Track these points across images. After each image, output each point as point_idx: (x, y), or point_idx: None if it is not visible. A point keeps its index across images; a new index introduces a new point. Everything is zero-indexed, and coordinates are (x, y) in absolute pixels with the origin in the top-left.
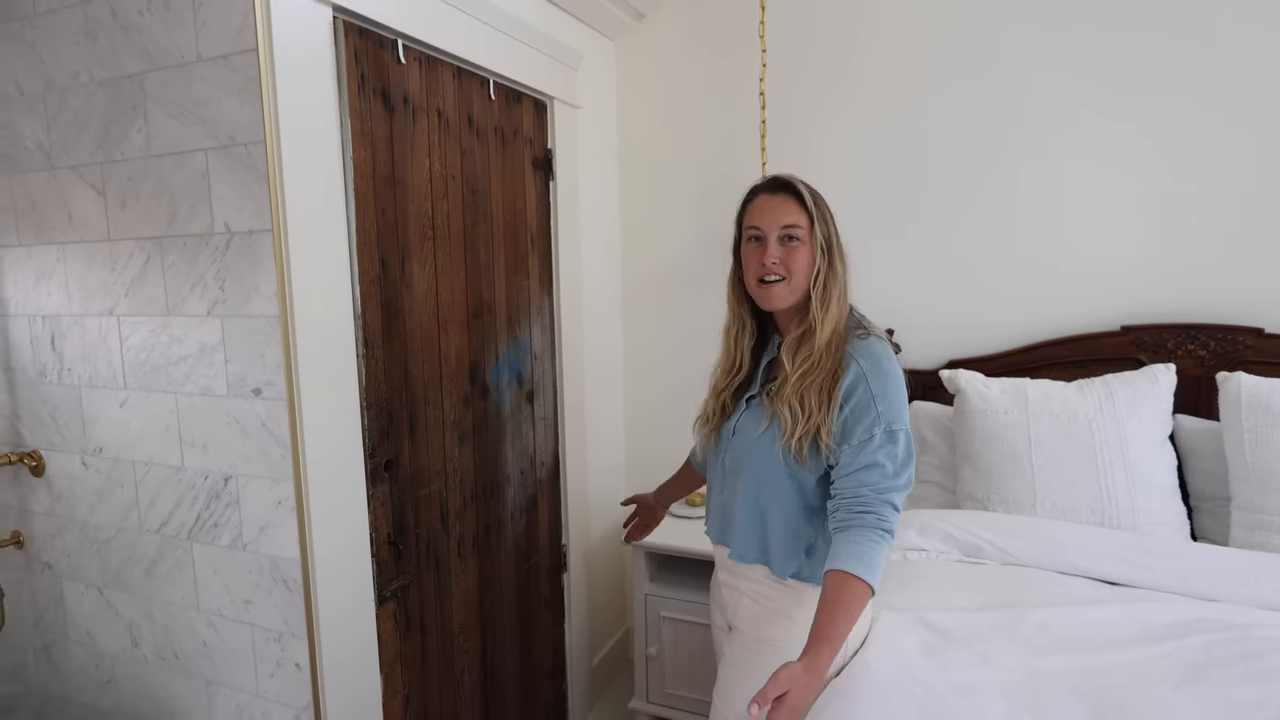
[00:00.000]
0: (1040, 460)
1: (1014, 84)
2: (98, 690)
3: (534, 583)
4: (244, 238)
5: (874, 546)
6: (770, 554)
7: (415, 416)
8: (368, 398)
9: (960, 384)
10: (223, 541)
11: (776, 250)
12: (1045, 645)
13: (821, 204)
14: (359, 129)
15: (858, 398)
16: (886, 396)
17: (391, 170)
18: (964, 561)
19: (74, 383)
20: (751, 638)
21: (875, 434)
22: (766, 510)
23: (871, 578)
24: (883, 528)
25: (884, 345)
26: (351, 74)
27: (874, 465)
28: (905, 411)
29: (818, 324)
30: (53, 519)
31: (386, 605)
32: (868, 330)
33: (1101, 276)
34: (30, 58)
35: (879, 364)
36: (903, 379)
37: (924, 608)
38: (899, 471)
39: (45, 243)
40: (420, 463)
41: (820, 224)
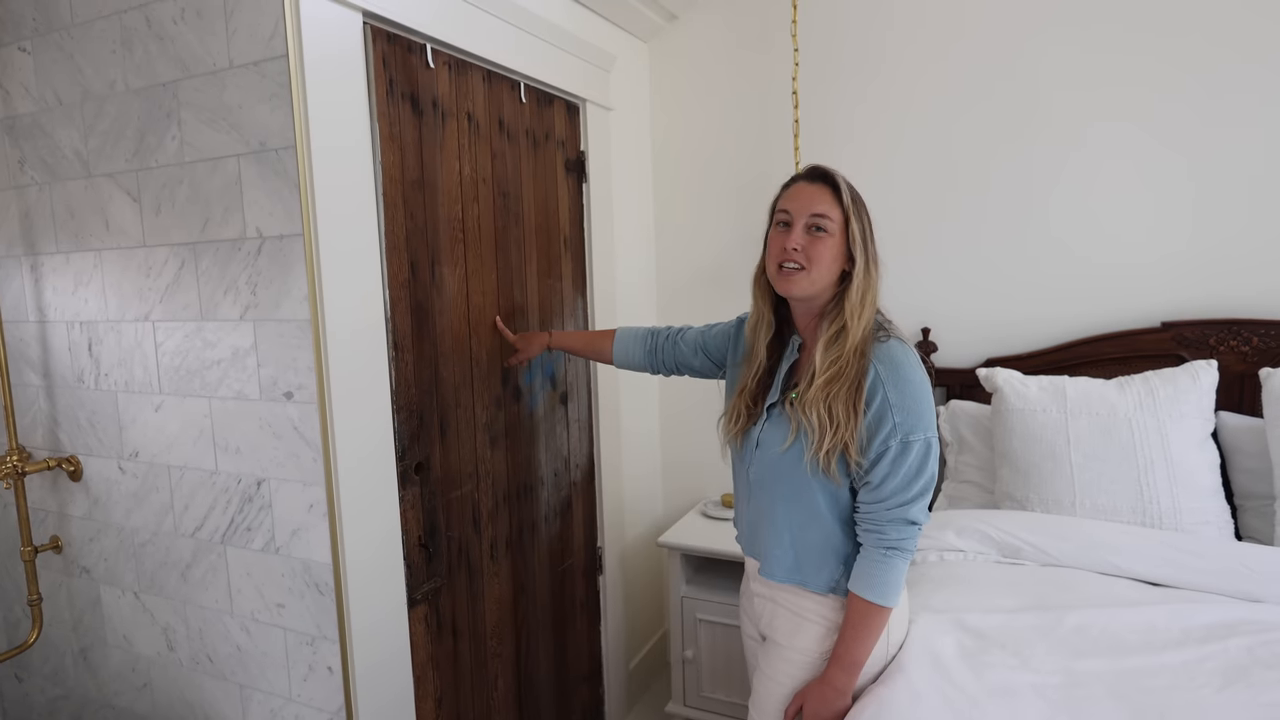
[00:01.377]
0: (1080, 459)
1: (1050, 78)
2: (134, 694)
3: (569, 585)
4: (275, 242)
5: (879, 566)
6: (804, 571)
7: (446, 419)
8: (397, 400)
9: (998, 382)
10: (255, 545)
11: (801, 237)
12: (1084, 647)
13: (859, 202)
14: (387, 133)
15: (876, 406)
16: (904, 405)
17: (421, 174)
18: (1002, 562)
19: (110, 388)
20: (788, 649)
21: (891, 446)
22: (799, 529)
23: (875, 596)
24: (889, 546)
25: (905, 348)
26: (380, 79)
27: (886, 480)
28: (926, 417)
29: (853, 324)
30: (90, 523)
31: (418, 608)
32: (889, 332)
33: (1140, 272)
34: (68, 67)
35: (898, 370)
36: (925, 382)
37: (961, 609)
38: (910, 483)
39: (83, 250)
40: (451, 465)
41: (856, 221)
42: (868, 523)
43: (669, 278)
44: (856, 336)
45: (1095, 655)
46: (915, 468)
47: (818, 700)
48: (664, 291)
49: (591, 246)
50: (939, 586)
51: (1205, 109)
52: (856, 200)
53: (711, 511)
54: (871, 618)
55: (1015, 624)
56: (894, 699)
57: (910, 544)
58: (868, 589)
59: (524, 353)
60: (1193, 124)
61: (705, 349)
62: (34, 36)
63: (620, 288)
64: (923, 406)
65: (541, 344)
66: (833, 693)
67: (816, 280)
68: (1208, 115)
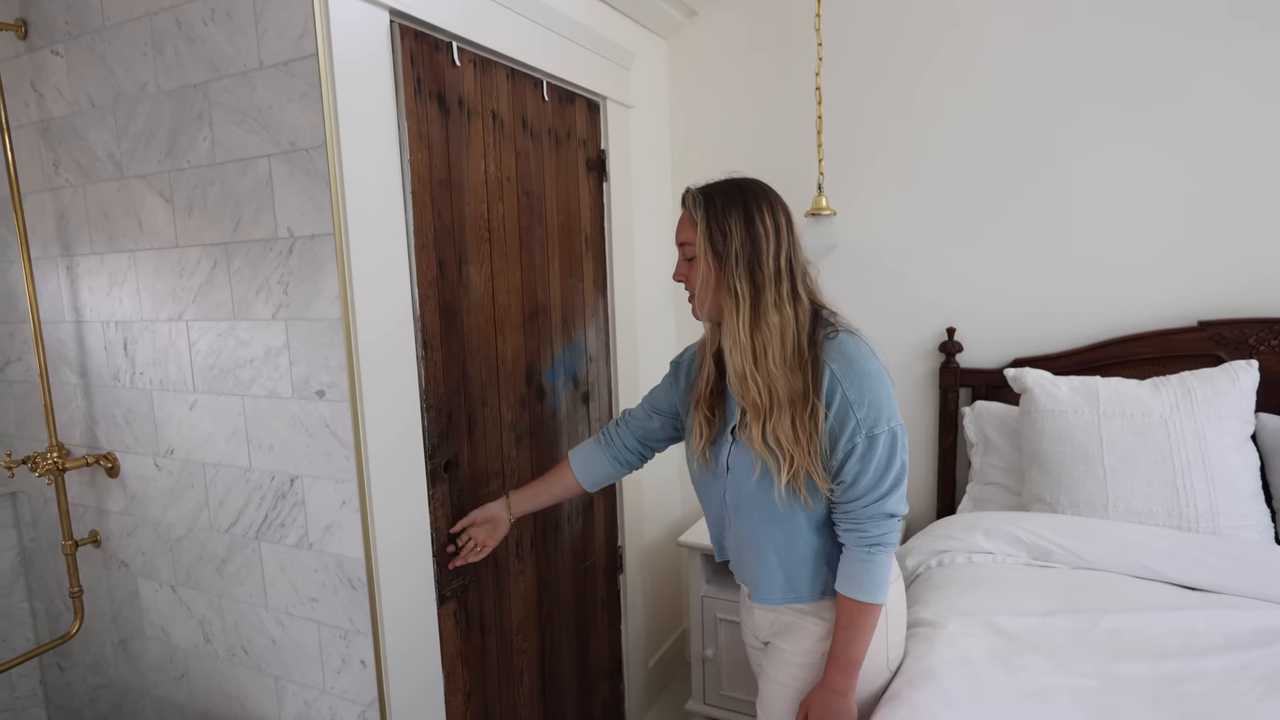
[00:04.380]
0: (1113, 462)
1: (1080, 73)
2: (172, 684)
3: (590, 584)
4: (306, 242)
5: (863, 565)
6: (796, 588)
7: (473, 418)
8: (427, 399)
9: (1027, 383)
10: (289, 541)
11: (681, 265)
12: (1121, 651)
13: (716, 210)
14: (415, 132)
15: (836, 406)
16: (864, 400)
17: (448, 173)
18: (1032, 565)
19: (146, 386)
20: (789, 651)
21: (856, 443)
22: (784, 548)
23: (865, 595)
24: (871, 543)
25: (856, 341)
26: (408, 77)
27: (858, 477)
28: (886, 408)
29: (728, 356)
30: (128, 518)
31: (447, 604)
32: (836, 327)
33: (1174, 270)
34: (101, 70)
35: (852, 364)
36: (881, 372)
37: (991, 612)
38: (883, 477)
39: (117, 250)
40: (478, 463)
41: (712, 231)
42: (847, 522)
43: None
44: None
45: (1132, 659)
46: (885, 460)
47: (821, 706)
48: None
49: (612, 246)
50: (967, 588)
51: (1245, 99)
52: (711, 209)
53: None
54: (863, 617)
55: (1048, 627)
56: (925, 702)
57: (892, 538)
58: (856, 589)
59: (491, 545)
60: (1231, 115)
61: (656, 408)
62: (66, 40)
63: (640, 287)
64: (882, 397)
65: (504, 523)
66: (834, 696)
67: (703, 306)
68: (1246, 106)
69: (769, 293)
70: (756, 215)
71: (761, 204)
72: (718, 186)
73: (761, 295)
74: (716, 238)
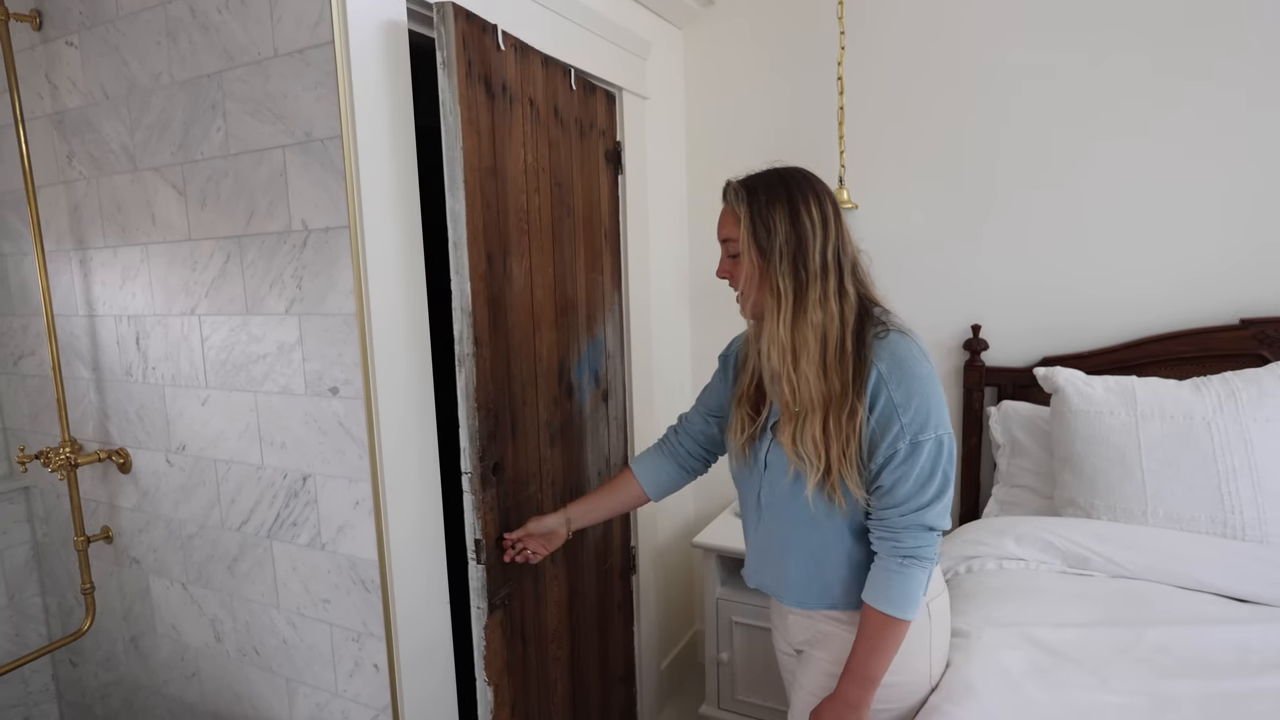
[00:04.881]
0: (1152, 465)
1: (1119, 61)
2: (184, 682)
3: (608, 586)
4: (321, 235)
5: (894, 576)
6: (831, 594)
7: (516, 417)
8: (477, 398)
9: (1059, 382)
10: (301, 540)
11: (725, 263)
12: (1170, 667)
13: (759, 204)
14: (467, 118)
15: (881, 408)
16: (910, 404)
17: (494, 161)
18: (1068, 573)
19: (158, 381)
20: (824, 660)
21: (899, 449)
22: (821, 552)
23: (893, 609)
24: (905, 555)
25: (907, 341)
26: (460, 60)
27: (898, 484)
28: (935, 414)
29: (765, 357)
30: (139, 515)
31: (495, 614)
32: (887, 325)
33: (1214, 265)
34: (114, 60)
35: (901, 365)
36: (932, 376)
37: (1028, 623)
38: (924, 487)
39: (130, 244)
40: (520, 465)
41: (756, 227)
42: (882, 529)
43: (702, 272)
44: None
45: (1183, 676)
46: (928, 469)
47: (831, 717)
48: (697, 286)
49: (627, 240)
50: (1001, 597)
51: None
52: (755, 204)
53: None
54: (888, 631)
55: (1090, 639)
56: (965, 717)
57: (929, 552)
58: (884, 601)
59: (540, 553)
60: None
61: (710, 411)
62: (80, 30)
63: (654, 282)
64: (931, 403)
65: (560, 537)
66: (846, 709)
67: (750, 303)
68: None
69: (814, 289)
70: (802, 207)
71: (807, 195)
72: (760, 178)
73: (806, 292)
74: (760, 233)
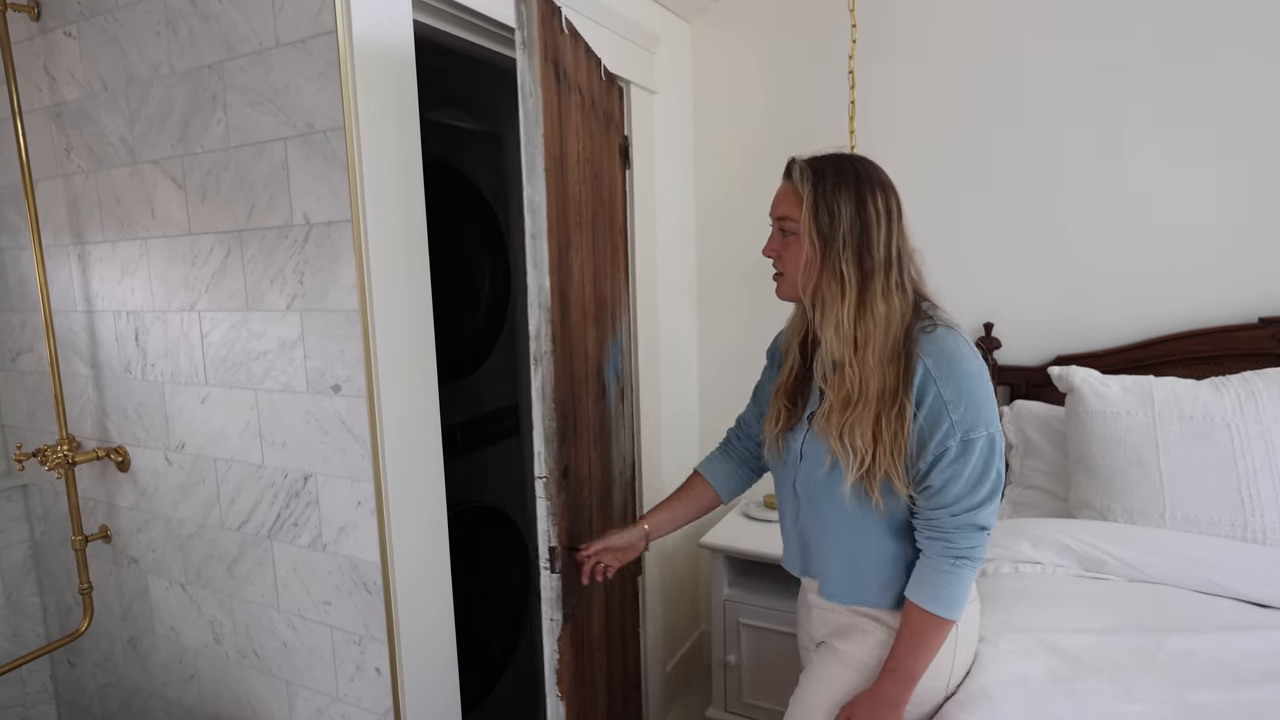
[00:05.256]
0: (1170, 466)
1: (1133, 49)
2: (182, 685)
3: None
4: (323, 229)
5: (944, 576)
6: (867, 591)
7: (576, 418)
8: (554, 398)
9: (1074, 382)
10: (302, 541)
11: (775, 241)
12: (1194, 676)
13: (825, 187)
14: (545, 101)
15: (929, 405)
16: (961, 400)
17: (560, 150)
18: (1084, 577)
19: (157, 379)
20: (844, 652)
21: (950, 446)
22: (855, 546)
23: (941, 609)
24: (955, 555)
25: (955, 336)
26: (540, 40)
27: (949, 484)
28: (985, 411)
29: (827, 344)
30: (138, 514)
31: (567, 625)
32: (934, 321)
33: (1233, 263)
34: (114, 51)
35: (950, 362)
36: (982, 372)
37: (1045, 629)
38: (976, 486)
39: (129, 238)
40: (578, 469)
41: (819, 210)
42: (932, 530)
43: (708, 269)
44: (845, 349)
45: (1208, 685)
46: (980, 468)
47: (866, 714)
48: (703, 283)
49: (634, 235)
50: (1016, 601)
51: None
52: (822, 184)
53: (753, 513)
54: (933, 630)
55: (1109, 646)
56: None
57: (980, 552)
58: (933, 600)
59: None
60: None
61: (764, 411)
62: (79, 20)
63: (660, 278)
64: (981, 399)
65: (637, 550)
66: (884, 707)
67: (793, 285)
68: None
69: (877, 281)
70: (869, 196)
71: (875, 185)
72: (828, 161)
73: (870, 282)
74: (823, 217)
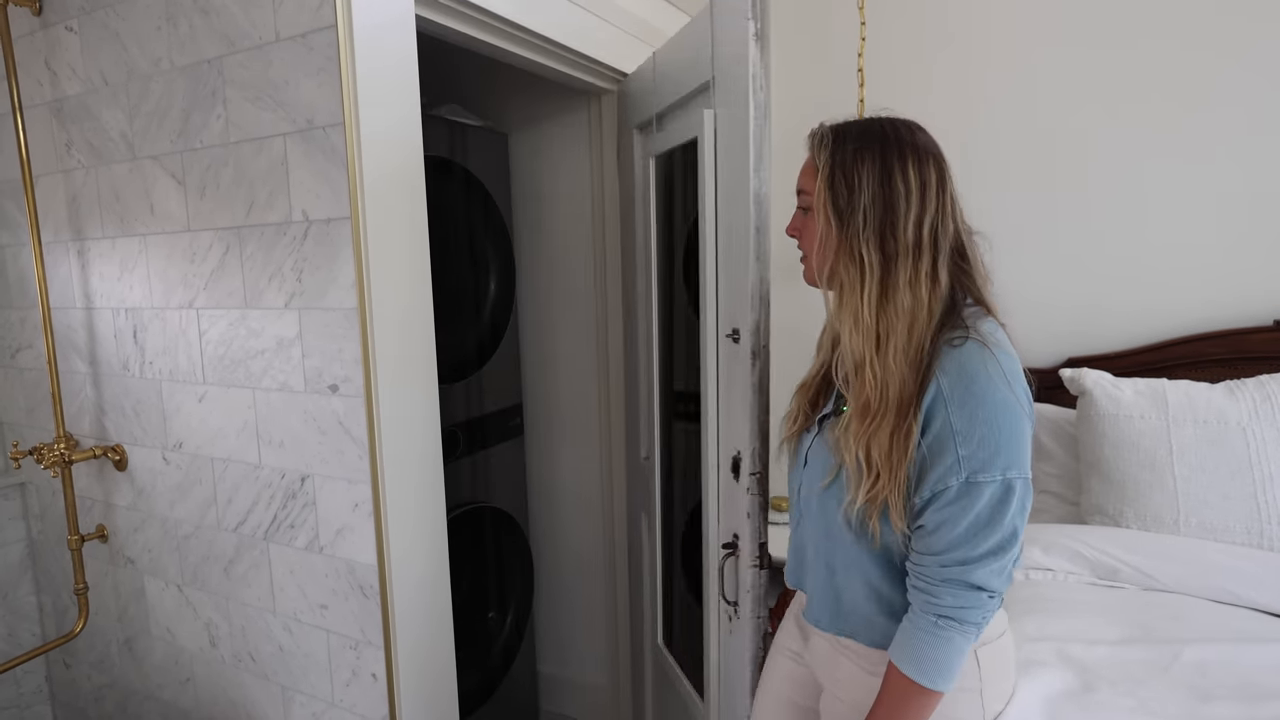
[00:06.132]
0: (1184, 471)
1: (1151, 50)
2: (178, 688)
3: None
4: (322, 226)
5: (924, 637)
6: (847, 621)
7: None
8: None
9: (1086, 384)
10: (299, 543)
11: (795, 218)
12: (1211, 689)
13: (844, 155)
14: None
15: (935, 432)
16: (973, 434)
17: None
18: (1097, 585)
19: (155, 376)
20: (847, 707)
21: (950, 485)
22: (842, 573)
23: (920, 676)
24: (940, 614)
25: (984, 355)
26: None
27: (942, 528)
28: (1006, 452)
29: (846, 340)
30: (135, 514)
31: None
32: (969, 332)
33: (1247, 264)
34: (114, 46)
35: (969, 385)
36: (1009, 403)
37: (1060, 638)
38: (977, 538)
39: (128, 235)
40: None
41: (835, 181)
42: (918, 579)
43: None
44: (861, 351)
45: (1225, 699)
46: (985, 517)
47: None
48: None
49: None
50: (1029, 610)
51: None
52: (845, 160)
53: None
54: (911, 700)
55: (1123, 658)
56: None
57: (974, 615)
58: (911, 665)
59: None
60: None
61: None
62: (80, 15)
63: None
64: (1002, 437)
65: None
66: None
67: (813, 267)
68: None
69: (903, 266)
70: (897, 167)
71: (906, 153)
72: (855, 125)
73: (893, 269)
74: (840, 189)
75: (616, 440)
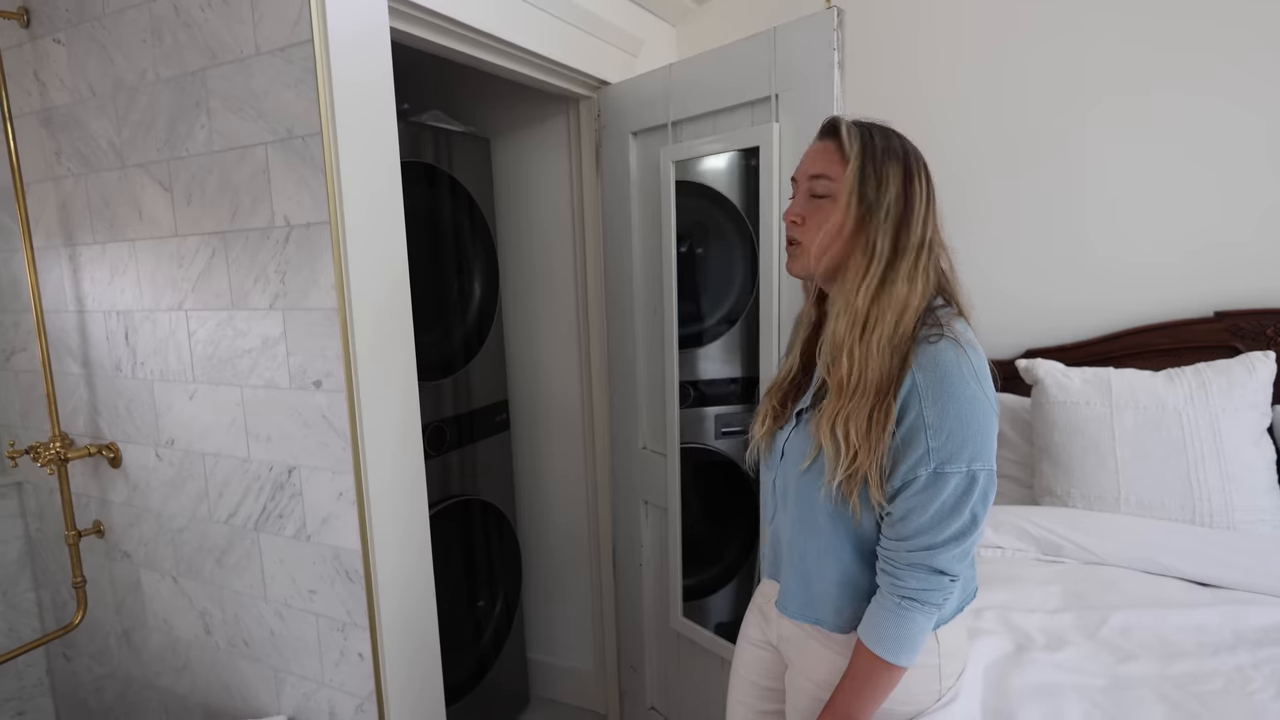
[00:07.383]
0: (1125, 454)
1: (1097, 54)
2: (175, 675)
3: None
4: (303, 230)
5: (889, 616)
6: (818, 609)
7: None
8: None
9: (1038, 374)
10: (287, 532)
11: (801, 204)
12: (1130, 649)
13: (875, 152)
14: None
15: (908, 424)
16: (943, 427)
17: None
18: (1042, 560)
19: (146, 376)
20: (814, 685)
21: (919, 475)
22: (814, 561)
23: (885, 652)
24: (904, 595)
25: (958, 352)
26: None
27: (910, 515)
28: (973, 445)
29: (834, 324)
30: (130, 509)
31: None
32: (943, 330)
33: (1192, 259)
34: (101, 58)
35: (942, 380)
36: (979, 399)
37: (1003, 608)
38: (942, 524)
39: (118, 240)
40: None
41: (866, 173)
42: (886, 563)
43: None
44: (852, 328)
45: (1142, 657)
46: (950, 506)
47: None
48: None
49: None
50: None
51: (1264, 87)
52: (869, 148)
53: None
54: (878, 675)
55: (1056, 623)
56: None
57: (934, 597)
58: (877, 641)
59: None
60: (1256, 98)
61: None
62: (67, 28)
63: None
64: (970, 430)
65: None
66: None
67: (810, 254)
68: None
69: (908, 260)
70: (915, 172)
71: (920, 163)
72: (876, 127)
73: (899, 260)
74: (870, 183)
75: (600, 434)
